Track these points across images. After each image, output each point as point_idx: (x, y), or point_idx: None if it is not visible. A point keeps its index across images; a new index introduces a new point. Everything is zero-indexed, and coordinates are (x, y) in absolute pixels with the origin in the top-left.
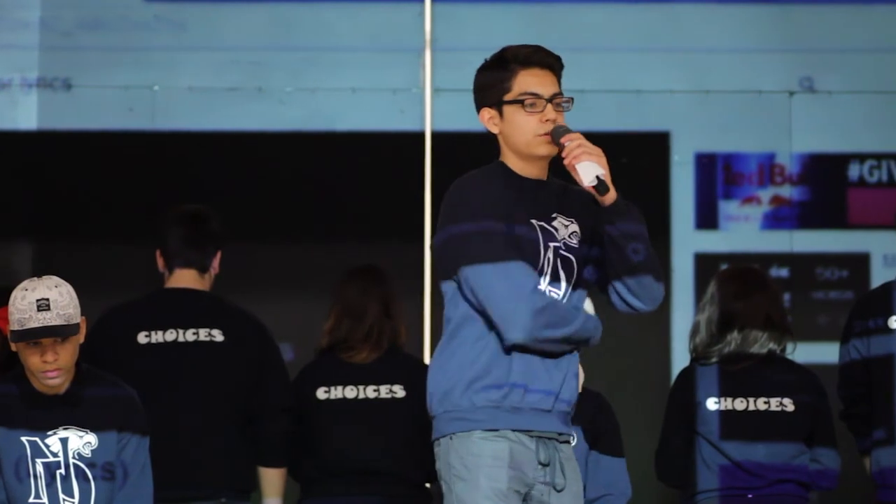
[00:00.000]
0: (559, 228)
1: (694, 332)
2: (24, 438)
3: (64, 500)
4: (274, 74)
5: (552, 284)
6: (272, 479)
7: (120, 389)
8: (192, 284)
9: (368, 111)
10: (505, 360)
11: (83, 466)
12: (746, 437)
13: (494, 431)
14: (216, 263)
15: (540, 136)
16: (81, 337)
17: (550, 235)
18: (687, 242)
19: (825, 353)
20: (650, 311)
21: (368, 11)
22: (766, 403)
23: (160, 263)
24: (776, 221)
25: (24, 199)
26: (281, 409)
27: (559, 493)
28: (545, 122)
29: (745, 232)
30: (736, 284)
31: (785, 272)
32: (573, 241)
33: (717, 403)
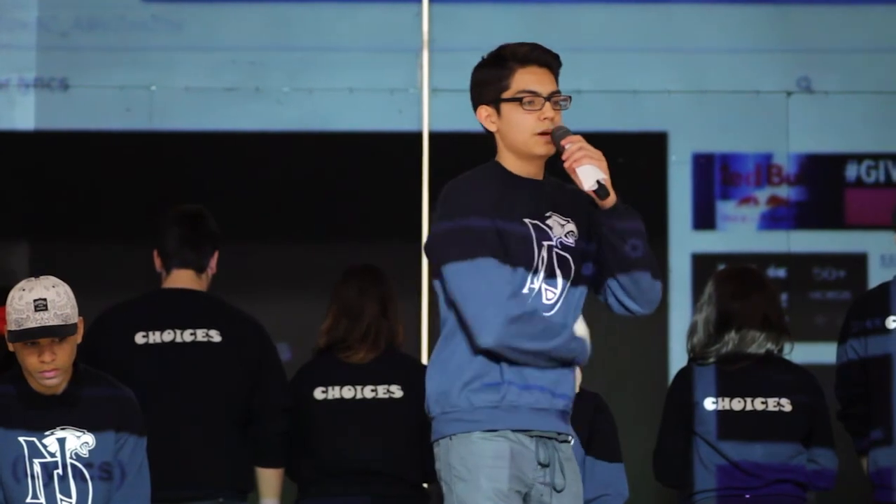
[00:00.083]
0: (554, 227)
1: (691, 332)
2: (21, 438)
3: (61, 500)
4: (271, 74)
5: (548, 282)
6: (269, 479)
7: (117, 390)
8: (189, 285)
9: (366, 111)
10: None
11: (80, 466)
12: (744, 437)
13: (494, 431)
14: (213, 263)
15: (538, 134)
16: (79, 337)
17: (545, 234)
18: (684, 243)
19: (823, 353)
20: (647, 314)
21: (366, 12)
22: (763, 403)
23: (157, 263)
24: (773, 222)
25: (21, 199)
26: (278, 409)
27: (559, 493)
28: (543, 120)
29: (742, 232)
30: (733, 285)
31: (782, 272)
32: (569, 239)
33: (714, 403)
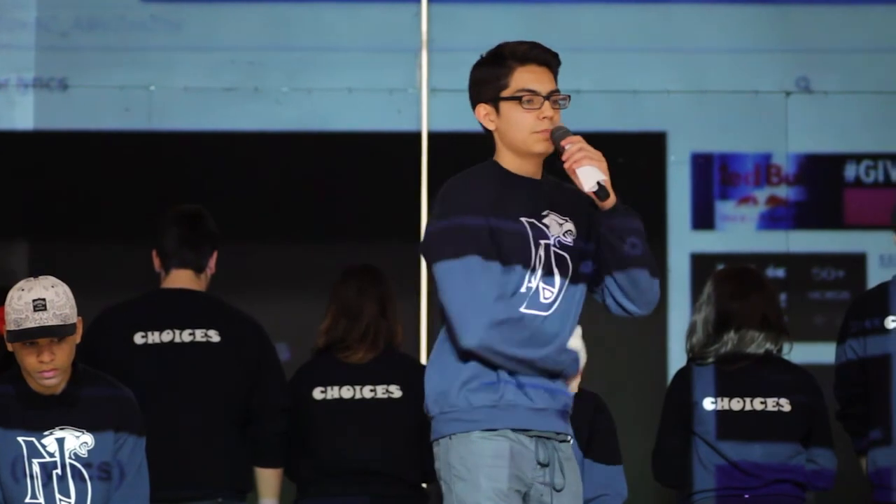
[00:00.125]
0: (551, 226)
1: (690, 332)
2: (20, 438)
3: (60, 500)
4: (270, 74)
5: (545, 281)
6: (268, 479)
7: (117, 390)
8: (188, 285)
9: (365, 111)
10: None
11: (79, 466)
12: (743, 437)
13: (493, 431)
14: (212, 263)
15: (537, 133)
16: (78, 337)
17: (541, 232)
18: (683, 243)
19: (821, 353)
20: (645, 315)
21: (365, 12)
22: (762, 403)
23: (156, 264)
24: (772, 222)
25: (20, 199)
26: (277, 409)
27: (558, 492)
28: (542, 119)
29: (741, 232)
30: (732, 285)
31: (781, 272)
32: (568, 238)
33: (713, 403)
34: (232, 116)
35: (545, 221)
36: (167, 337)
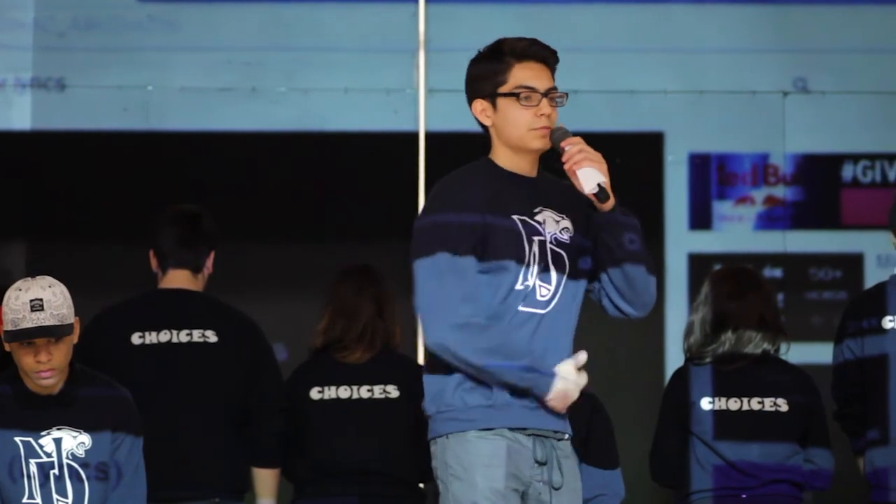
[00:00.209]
0: (547, 222)
1: (688, 332)
2: (17, 439)
3: (57, 500)
4: (267, 74)
5: (541, 278)
6: (266, 479)
7: (114, 390)
8: (185, 285)
9: (362, 112)
10: None
11: (77, 467)
12: (740, 437)
13: (490, 430)
14: (209, 263)
15: (534, 130)
16: (75, 337)
17: (534, 229)
18: (680, 243)
19: (819, 353)
20: (642, 317)
21: (362, 12)
22: (760, 403)
23: (153, 264)
24: (770, 222)
25: (17, 199)
26: (275, 409)
27: (557, 490)
28: (539, 116)
29: (738, 232)
30: (730, 285)
31: (778, 272)
32: (564, 235)
33: (711, 403)
34: (229, 116)
35: (538, 218)
36: (164, 337)
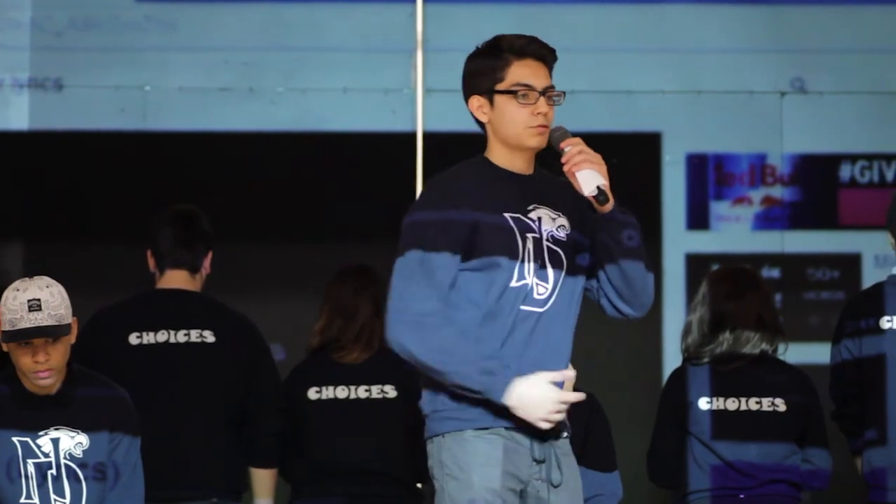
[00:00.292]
0: (543, 220)
1: (686, 332)
2: (15, 439)
3: (55, 500)
4: (265, 75)
5: (538, 276)
6: (263, 479)
7: (111, 390)
8: (183, 285)
9: (360, 111)
10: None
11: (74, 467)
12: (738, 437)
13: (486, 429)
14: (207, 263)
15: (531, 128)
16: (73, 337)
17: (528, 226)
18: (678, 243)
19: (817, 353)
20: (640, 317)
21: (360, 12)
22: (757, 403)
23: (151, 264)
24: (767, 222)
25: (15, 199)
26: (272, 409)
27: (556, 488)
28: (537, 114)
29: (736, 232)
30: (727, 285)
31: (776, 273)
32: (561, 233)
33: (708, 403)
34: (227, 116)
35: (531, 216)
36: (162, 337)
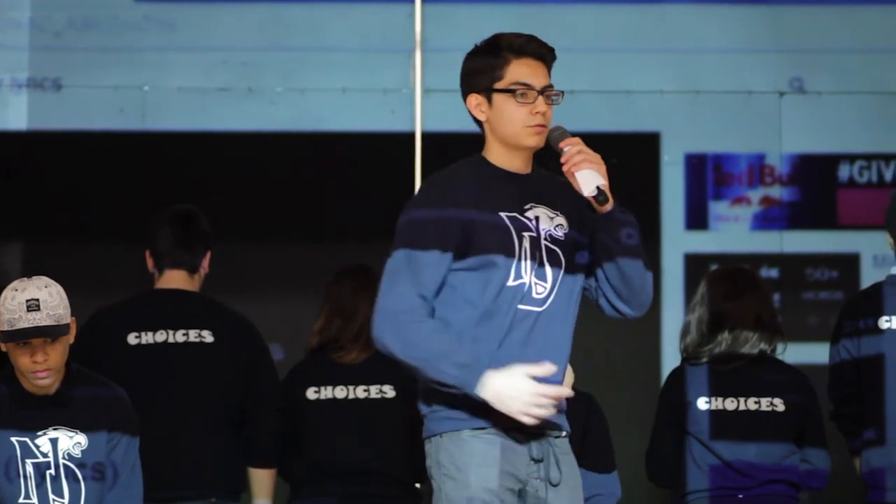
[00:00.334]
0: (541, 219)
1: (684, 332)
2: (13, 439)
3: (54, 500)
4: (264, 75)
5: (537, 275)
6: (262, 479)
7: (110, 390)
8: (181, 285)
9: (359, 111)
10: None
11: (73, 467)
12: (737, 436)
13: (483, 429)
14: (206, 263)
15: (529, 127)
16: (71, 337)
17: (524, 225)
18: (677, 243)
19: (815, 353)
20: (639, 316)
21: (359, 12)
22: (756, 403)
23: (150, 264)
24: (766, 222)
25: (13, 199)
26: (271, 409)
27: (555, 487)
28: (535, 114)
29: (735, 232)
30: (726, 285)
31: (775, 273)
32: (559, 232)
33: (707, 403)
34: (226, 116)
35: (528, 215)
36: (161, 337)
